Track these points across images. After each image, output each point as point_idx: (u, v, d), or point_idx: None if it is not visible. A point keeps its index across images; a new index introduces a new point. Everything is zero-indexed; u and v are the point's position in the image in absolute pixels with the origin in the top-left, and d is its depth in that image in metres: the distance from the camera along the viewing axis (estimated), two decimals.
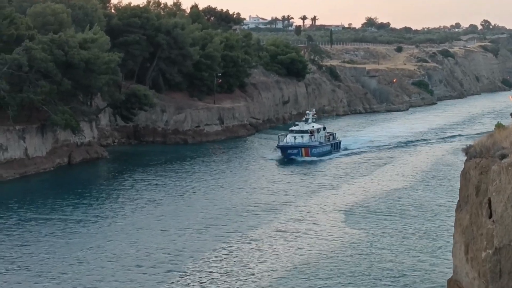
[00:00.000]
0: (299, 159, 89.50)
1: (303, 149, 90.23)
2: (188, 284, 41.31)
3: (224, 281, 41.92)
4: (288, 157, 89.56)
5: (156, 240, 51.74)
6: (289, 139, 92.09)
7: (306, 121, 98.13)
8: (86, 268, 44.24)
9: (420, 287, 40.29)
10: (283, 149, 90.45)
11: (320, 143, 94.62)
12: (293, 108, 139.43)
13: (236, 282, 41.81)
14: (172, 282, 41.62)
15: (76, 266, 44.70)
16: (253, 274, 43.26)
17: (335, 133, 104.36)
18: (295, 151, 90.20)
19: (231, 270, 44.08)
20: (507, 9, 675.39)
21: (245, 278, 42.59)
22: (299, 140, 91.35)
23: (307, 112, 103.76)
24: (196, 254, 47.44)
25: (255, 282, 41.55)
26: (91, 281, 41.90)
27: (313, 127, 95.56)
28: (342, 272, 43.03)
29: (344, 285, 40.78)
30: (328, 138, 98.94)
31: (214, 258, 46.73)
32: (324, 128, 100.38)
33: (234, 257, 47.22)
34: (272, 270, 43.88)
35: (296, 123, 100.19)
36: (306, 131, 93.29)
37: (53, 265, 44.96)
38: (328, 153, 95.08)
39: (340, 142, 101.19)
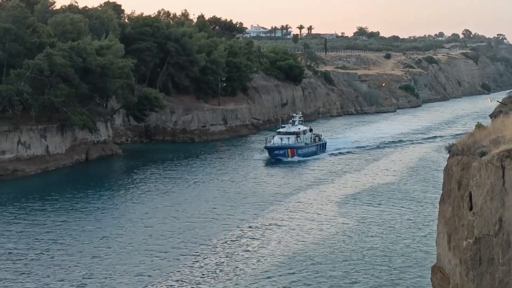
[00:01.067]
0: (285, 159, 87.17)
1: (289, 150, 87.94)
2: (199, 266, 41.69)
3: (229, 264, 42.16)
4: (275, 157, 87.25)
5: (168, 228, 52.26)
6: (276, 140, 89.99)
7: (293, 123, 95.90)
8: (105, 252, 44.60)
9: (407, 272, 40.32)
10: (270, 150, 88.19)
11: (306, 144, 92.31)
12: (291, 110, 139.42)
13: (239, 264, 42.03)
14: (185, 264, 41.92)
15: (96, 250, 45.14)
16: (255, 258, 43.52)
17: (321, 135, 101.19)
18: (281, 152, 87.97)
19: (236, 253, 44.46)
20: (486, 20, 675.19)
21: (248, 260, 42.89)
22: (285, 141, 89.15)
23: (294, 115, 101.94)
24: (204, 240, 47.74)
25: (257, 264, 41.75)
26: (110, 264, 42.28)
27: (299, 129, 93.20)
28: (336, 259, 43.07)
29: (338, 269, 40.76)
30: (314, 140, 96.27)
31: (221, 243, 47.02)
32: (311, 130, 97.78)
33: (238, 242, 47.58)
34: (271, 255, 44.06)
35: (283, 125, 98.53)
36: (292, 133, 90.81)
37: (75, 249, 45.27)
38: (314, 153, 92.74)
39: (325, 143, 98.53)
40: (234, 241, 48.29)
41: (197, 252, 44.96)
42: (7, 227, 51.79)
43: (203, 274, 40.42)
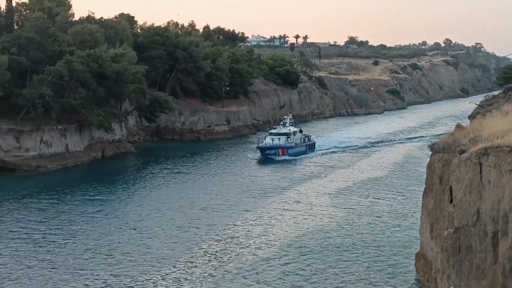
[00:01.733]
0: (277, 158, 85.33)
1: (280, 150, 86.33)
2: (208, 248, 41.81)
3: (232, 249, 42.36)
4: (267, 156, 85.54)
5: (177, 216, 52.83)
6: (267, 140, 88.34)
7: (284, 124, 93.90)
8: (123, 238, 44.93)
9: (393, 258, 40.23)
10: (262, 149, 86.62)
11: (296, 144, 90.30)
12: (288, 112, 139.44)
13: (241, 249, 42.18)
14: (196, 247, 42.11)
15: (115, 236, 45.64)
16: (255, 244, 43.57)
17: (310, 135, 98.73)
18: (272, 151, 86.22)
19: (238, 239, 44.47)
20: (465, 30, 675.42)
21: (249, 246, 42.98)
22: (276, 141, 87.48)
23: (285, 116, 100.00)
24: (210, 227, 47.97)
25: (256, 250, 41.72)
26: (128, 248, 42.62)
27: (289, 130, 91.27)
28: (328, 246, 43.05)
29: (331, 255, 40.77)
30: (303, 140, 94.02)
31: (224, 230, 47.24)
32: (301, 131, 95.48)
33: (239, 229, 47.73)
34: (270, 240, 44.00)
35: (275, 126, 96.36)
36: (283, 134, 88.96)
37: (95, 236, 45.64)
38: (303, 153, 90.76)
39: (314, 143, 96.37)
40: (236, 228, 48.47)
41: (205, 237, 45.20)
42: (33, 218, 52.01)
43: (211, 255, 40.88)
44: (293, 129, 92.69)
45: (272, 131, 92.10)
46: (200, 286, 35.65)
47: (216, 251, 42.46)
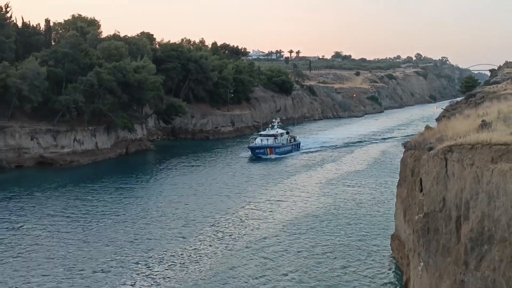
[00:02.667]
0: (265, 157, 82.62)
1: (268, 149, 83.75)
2: (216, 229, 41.67)
3: (236, 229, 42.14)
4: (256, 155, 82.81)
5: (191, 201, 53.17)
6: (257, 141, 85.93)
7: (272, 127, 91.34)
8: (145, 220, 44.99)
9: (372, 238, 40.36)
10: (252, 149, 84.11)
11: (283, 144, 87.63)
12: (283, 115, 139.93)
13: (246, 228, 42.09)
14: (205, 231, 41.96)
15: (140, 217, 45.88)
16: (254, 225, 43.48)
17: (296, 136, 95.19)
18: (261, 150, 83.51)
19: (242, 221, 44.37)
20: (433, 45, 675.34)
21: (250, 227, 42.77)
22: (265, 142, 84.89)
23: (273, 120, 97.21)
24: (216, 215, 47.77)
25: (255, 230, 41.69)
26: (151, 228, 42.87)
27: (277, 132, 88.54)
28: (317, 227, 43.16)
29: (317, 236, 40.81)
30: (290, 140, 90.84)
31: (228, 215, 46.93)
32: (288, 133, 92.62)
33: (240, 215, 47.44)
34: (267, 224, 43.93)
35: (264, 128, 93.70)
36: (271, 135, 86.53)
37: (123, 217, 45.90)
38: (290, 151, 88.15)
39: (300, 143, 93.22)
40: (236, 214, 48.36)
41: (214, 220, 45.21)
42: (70, 203, 52.72)
43: (218, 234, 40.81)
44: (280, 131, 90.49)
45: (262, 132, 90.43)
46: (211, 256, 35.97)
47: (224, 230, 42.63)
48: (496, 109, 26.69)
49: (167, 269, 34.19)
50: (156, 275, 33.29)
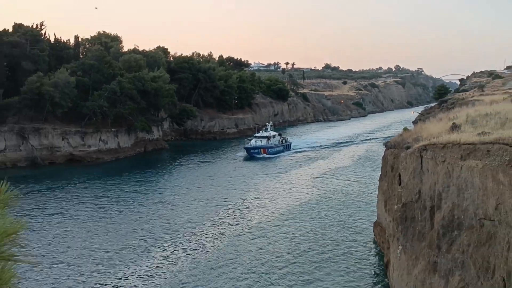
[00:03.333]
0: (259, 156, 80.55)
1: (261, 149, 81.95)
2: (225, 215, 41.80)
3: (239, 215, 42.15)
4: (251, 155, 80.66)
5: (199, 191, 53.06)
6: (252, 142, 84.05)
7: (266, 130, 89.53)
8: (162, 207, 44.96)
9: (357, 225, 40.43)
10: (247, 149, 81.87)
11: (275, 145, 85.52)
12: (280, 118, 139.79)
13: (247, 215, 42.13)
14: (212, 216, 41.98)
15: (158, 206, 45.68)
16: (254, 213, 43.51)
17: (287, 138, 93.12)
18: (255, 150, 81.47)
19: (244, 208, 44.41)
20: (410, 58, 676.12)
21: (250, 216, 42.78)
22: (259, 143, 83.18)
23: (267, 123, 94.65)
24: (221, 202, 47.84)
25: (254, 219, 41.83)
26: (168, 214, 42.67)
27: (270, 134, 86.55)
28: (309, 215, 43.19)
29: (308, 223, 40.88)
30: (281, 141, 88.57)
31: (230, 204, 46.96)
32: (280, 135, 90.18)
33: (240, 205, 47.50)
34: (265, 212, 44.10)
35: (259, 130, 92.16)
36: (264, 137, 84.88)
37: (142, 206, 45.84)
38: (281, 151, 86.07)
39: (290, 144, 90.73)
40: (236, 204, 48.31)
41: (219, 207, 45.31)
42: (97, 193, 52.95)
43: (224, 221, 40.88)
44: (272, 133, 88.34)
45: (257, 134, 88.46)
46: (219, 238, 36.06)
47: (228, 215, 42.66)
48: (465, 113, 26.70)
49: (187, 244, 34.36)
50: (174, 249, 33.73)
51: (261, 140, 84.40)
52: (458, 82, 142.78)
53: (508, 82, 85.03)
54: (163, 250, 34.68)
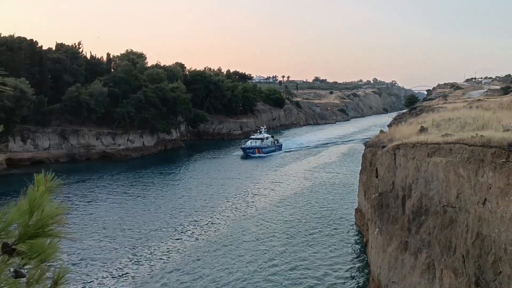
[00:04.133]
0: (253, 155, 77.68)
1: (256, 149, 79.08)
2: (230, 206, 41.69)
3: (238, 208, 41.92)
4: (247, 154, 77.83)
5: (210, 182, 52.63)
6: (247, 143, 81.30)
7: (260, 132, 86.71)
8: (179, 196, 44.82)
9: (342, 211, 40.27)
10: (244, 149, 78.98)
11: (268, 145, 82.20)
12: (277, 122, 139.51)
13: (248, 203, 41.95)
14: (219, 203, 41.75)
15: (177, 194, 45.61)
16: (251, 205, 43.33)
17: (279, 139, 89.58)
18: (251, 150, 78.48)
19: (239, 203, 44.08)
20: (386, 71, 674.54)
21: (248, 206, 42.63)
22: (253, 144, 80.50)
23: (261, 127, 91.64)
24: (227, 191, 47.79)
25: (253, 209, 41.62)
26: (180, 203, 42.47)
27: (263, 136, 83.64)
28: (300, 203, 43.04)
29: (299, 209, 40.77)
30: (273, 142, 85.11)
31: (230, 197, 46.79)
32: (272, 136, 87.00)
33: (239, 197, 47.20)
34: (260, 201, 43.96)
35: (254, 133, 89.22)
36: (259, 138, 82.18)
37: (163, 196, 45.68)
38: (273, 151, 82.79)
39: (281, 145, 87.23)
40: (237, 197, 48.05)
41: (227, 194, 45.16)
42: (127, 184, 52.76)
43: (230, 205, 40.75)
44: (266, 135, 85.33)
45: (252, 136, 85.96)
46: (226, 220, 35.97)
47: (231, 202, 42.52)
48: (431, 118, 26.64)
49: (203, 224, 34.39)
50: (192, 228, 33.79)
51: (255, 142, 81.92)
52: (426, 92, 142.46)
53: (467, 93, 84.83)
54: (182, 229, 34.86)
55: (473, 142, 15.06)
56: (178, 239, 32.74)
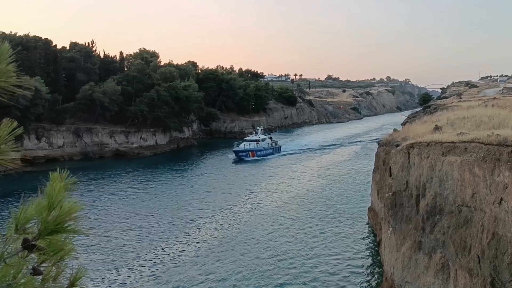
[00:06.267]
0: (247, 159, 70.94)
1: (250, 152, 72.47)
2: (235, 203, 41.80)
3: (240, 209, 41.82)
4: (240, 157, 71.02)
5: (216, 178, 52.96)
6: (241, 145, 74.25)
7: (256, 133, 79.55)
8: (188, 192, 44.95)
9: (355, 210, 40.04)
10: (236, 152, 72.34)
11: (264, 148, 75.14)
12: (289, 121, 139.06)
13: (252, 204, 42.02)
14: (227, 199, 41.79)
15: (187, 190, 45.78)
16: (251, 207, 43.13)
17: (277, 141, 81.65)
18: (244, 153, 71.98)
19: (242, 205, 44.03)
20: (400, 70, 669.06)
21: (250, 209, 42.35)
22: (247, 146, 73.55)
23: (257, 128, 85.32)
24: (234, 187, 47.90)
25: (254, 211, 41.56)
26: (189, 198, 42.56)
27: (259, 137, 76.41)
28: (307, 204, 42.78)
29: (313, 208, 40.56)
30: (271, 144, 77.72)
31: (233, 196, 46.89)
32: (270, 138, 79.69)
33: (240, 199, 46.76)
34: (263, 202, 43.86)
35: (249, 134, 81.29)
36: (254, 140, 75.04)
37: (175, 190, 45.95)
38: (271, 154, 75.34)
39: (280, 147, 79.94)
40: (237, 198, 47.59)
41: (235, 191, 45.16)
42: (139, 181, 53.34)
43: (240, 201, 40.76)
44: (262, 136, 77.82)
45: (247, 138, 77.85)
46: (234, 216, 36.07)
47: (246, 201, 42.51)
48: (446, 117, 26.34)
49: (214, 219, 34.56)
50: (204, 222, 34.08)
51: (249, 144, 74.66)
52: (440, 91, 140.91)
53: (482, 91, 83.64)
54: (195, 223, 35.15)
55: (489, 141, 14.85)
56: (191, 232, 33.31)
